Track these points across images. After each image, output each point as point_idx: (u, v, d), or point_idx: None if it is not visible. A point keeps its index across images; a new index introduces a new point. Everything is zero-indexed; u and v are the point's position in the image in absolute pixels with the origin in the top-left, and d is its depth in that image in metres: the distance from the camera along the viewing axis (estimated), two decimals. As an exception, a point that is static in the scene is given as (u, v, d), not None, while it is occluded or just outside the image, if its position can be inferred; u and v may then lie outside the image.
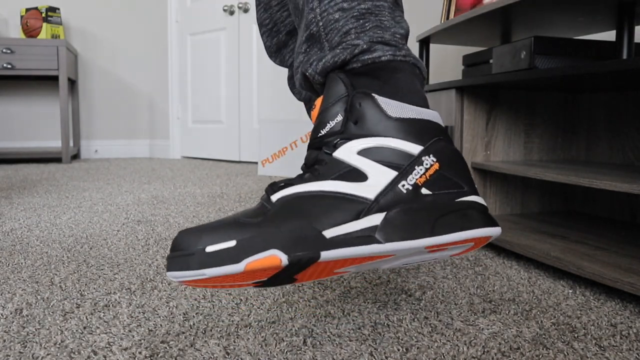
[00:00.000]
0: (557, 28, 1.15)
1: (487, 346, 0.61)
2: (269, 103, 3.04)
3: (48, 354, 0.58)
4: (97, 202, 1.62)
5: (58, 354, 0.58)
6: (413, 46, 2.36)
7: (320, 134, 0.51)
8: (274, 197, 0.48)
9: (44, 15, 3.04)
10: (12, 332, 0.63)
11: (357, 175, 0.49)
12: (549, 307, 0.74)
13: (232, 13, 3.15)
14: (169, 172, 2.55)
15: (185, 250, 0.44)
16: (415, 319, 0.69)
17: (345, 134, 0.51)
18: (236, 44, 3.15)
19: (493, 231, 0.52)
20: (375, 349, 0.60)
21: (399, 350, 0.60)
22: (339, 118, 0.51)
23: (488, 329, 0.66)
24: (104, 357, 0.57)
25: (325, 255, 0.45)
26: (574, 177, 0.85)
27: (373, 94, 0.52)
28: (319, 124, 0.52)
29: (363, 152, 0.50)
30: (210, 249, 0.43)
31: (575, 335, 0.64)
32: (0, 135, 3.29)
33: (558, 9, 0.96)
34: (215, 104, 3.30)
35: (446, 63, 2.16)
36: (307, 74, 0.56)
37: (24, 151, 2.92)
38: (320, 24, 0.55)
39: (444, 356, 0.58)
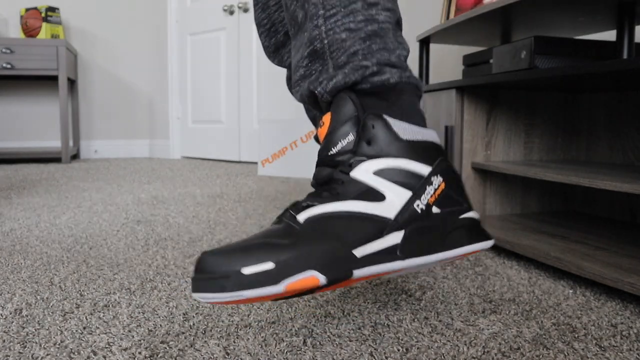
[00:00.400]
0: (557, 28, 1.15)
1: (487, 346, 0.61)
2: (269, 103, 3.04)
3: (48, 354, 0.58)
4: (97, 202, 1.62)
5: (58, 354, 0.58)
6: (413, 46, 2.36)
7: (331, 152, 0.54)
8: (301, 218, 0.49)
9: (43, 15, 3.04)
10: (12, 332, 0.63)
11: (375, 195, 0.52)
12: (549, 307, 0.74)
13: (232, 13, 3.15)
14: (169, 172, 2.55)
15: (216, 273, 0.45)
16: (415, 319, 0.69)
17: (359, 154, 0.53)
18: (236, 44, 3.15)
19: (490, 243, 0.60)
20: (375, 349, 0.60)
21: (399, 350, 0.60)
22: (351, 137, 0.54)
23: (488, 329, 0.66)
24: (104, 357, 0.57)
25: (357, 273, 0.49)
26: (574, 177, 0.85)
27: (385, 116, 0.55)
28: (329, 142, 0.54)
29: (378, 173, 0.53)
30: (247, 271, 0.44)
31: (576, 335, 0.64)
32: (0, 135, 3.29)
33: (558, 9, 0.96)
34: (215, 104, 3.30)
35: (446, 63, 2.16)
36: (317, 91, 0.57)
37: (23, 151, 2.91)
38: (326, 41, 0.57)
39: (444, 356, 0.58)
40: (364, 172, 0.53)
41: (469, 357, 0.58)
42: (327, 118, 0.56)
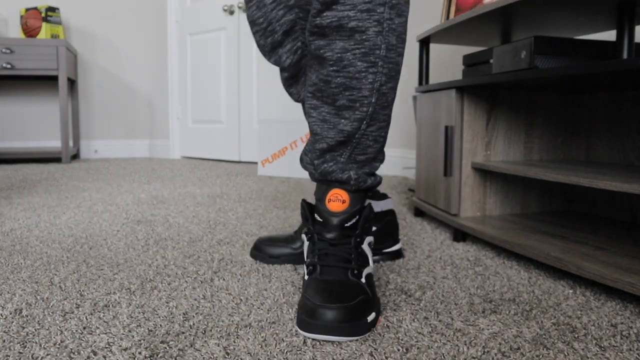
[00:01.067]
0: (557, 28, 1.15)
1: (487, 346, 0.61)
2: (269, 103, 3.04)
3: (48, 354, 0.58)
4: (97, 202, 1.62)
5: (58, 354, 0.58)
6: (413, 46, 2.36)
7: (346, 225, 0.75)
8: (362, 280, 0.71)
9: (43, 15, 3.04)
10: (12, 332, 0.63)
11: (369, 261, 0.76)
12: (549, 307, 0.74)
13: (232, 13, 3.15)
14: (169, 172, 2.55)
15: (345, 322, 0.62)
16: (415, 319, 0.69)
17: (363, 231, 0.75)
18: (236, 44, 3.15)
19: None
20: (375, 349, 0.60)
21: (399, 350, 0.60)
22: (358, 217, 0.76)
23: (488, 329, 0.66)
24: (104, 357, 0.57)
25: None
26: (574, 177, 0.85)
27: (374, 210, 0.85)
28: (348, 218, 0.75)
29: (369, 244, 0.77)
30: (369, 319, 0.65)
31: (576, 335, 0.64)
32: (0, 135, 3.29)
33: (558, 9, 0.96)
34: (215, 104, 3.30)
35: (446, 63, 2.16)
36: (352, 182, 0.76)
37: (23, 151, 2.91)
38: (356, 141, 0.76)
39: (444, 356, 0.58)
40: (366, 244, 0.76)
41: (469, 357, 0.58)
42: (346, 197, 0.76)
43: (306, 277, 0.73)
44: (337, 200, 0.76)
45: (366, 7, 0.68)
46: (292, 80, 0.94)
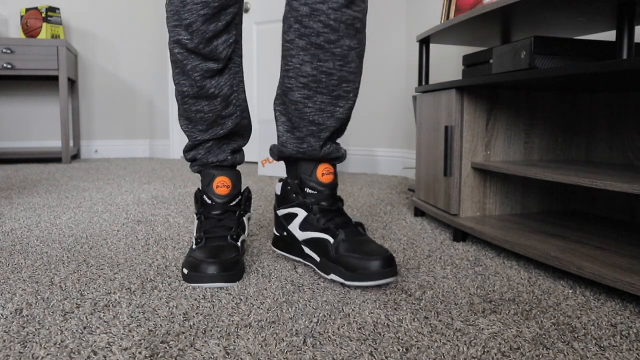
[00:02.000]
0: (557, 28, 1.15)
1: (487, 346, 0.61)
2: (269, 103, 3.04)
3: (48, 354, 0.58)
4: (97, 202, 1.62)
5: (58, 354, 0.58)
6: (413, 46, 2.36)
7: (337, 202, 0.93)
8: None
9: (44, 15, 3.04)
10: (12, 332, 0.63)
11: None
12: (549, 307, 0.74)
13: (232, 13, 3.15)
14: (169, 172, 2.55)
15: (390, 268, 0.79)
16: (415, 319, 0.69)
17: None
18: (236, 44, 3.15)
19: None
20: (375, 349, 0.60)
21: (399, 350, 0.60)
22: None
23: (488, 329, 0.66)
24: (104, 357, 0.57)
25: None
26: (574, 177, 0.85)
27: None
28: (336, 192, 0.92)
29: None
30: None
31: (575, 335, 0.64)
32: (0, 135, 3.29)
33: (558, 9, 0.96)
34: (215, 104, 3.29)
35: (446, 63, 2.16)
36: (343, 156, 0.95)
37: (24, 151, 2.91)
38: (344, 127, 0.92)
39: (444, 356, 0.58)
40: None
41: (469, 357, 0.58)
42: (333, 170, 0.92)
43: (332, 241, 0.85)
44: (330, 174, 0.91)
45: (363, 14, 0.84)
46: (215, 72, 0.90)
